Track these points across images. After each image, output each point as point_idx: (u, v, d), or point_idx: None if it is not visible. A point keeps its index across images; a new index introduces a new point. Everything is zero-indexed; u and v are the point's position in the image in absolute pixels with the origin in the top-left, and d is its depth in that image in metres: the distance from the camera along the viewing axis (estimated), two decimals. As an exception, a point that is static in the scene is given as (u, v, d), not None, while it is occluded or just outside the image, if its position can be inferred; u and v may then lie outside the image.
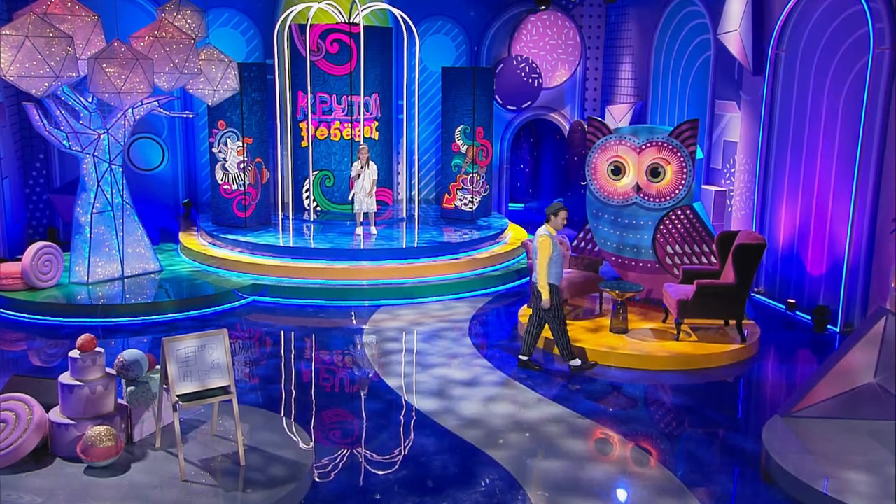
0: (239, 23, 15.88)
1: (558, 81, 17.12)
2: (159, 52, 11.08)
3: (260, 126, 13.92)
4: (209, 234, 13.37)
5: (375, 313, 10.95)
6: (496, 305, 11.55)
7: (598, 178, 10.95)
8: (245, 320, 10.67)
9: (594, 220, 11.14)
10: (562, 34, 16.95)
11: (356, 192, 12.99)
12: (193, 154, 16.04)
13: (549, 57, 17.00)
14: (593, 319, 10.27)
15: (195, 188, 16.13)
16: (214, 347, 6.53)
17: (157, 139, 15.53)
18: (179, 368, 6.41)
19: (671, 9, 14.24)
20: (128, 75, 10.36)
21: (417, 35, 15.17)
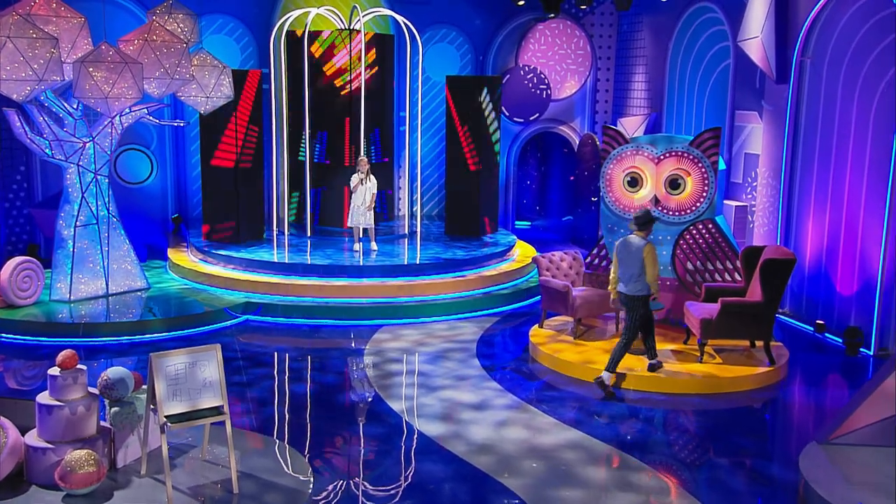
0: (233, 29, 15.82)
1: (568, 93, 17.08)
2: (149, 56, 10.92)
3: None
4: (199, 250, 13.21)
5: (376, 333, 10.83)
6: (505, 325, 11.42)
7: (613, 191, 10.76)
8: (238, 340, 10.52)
9: (609, 235, 10.92)
10: (571, 43, 16.92)
11: (354, 207, 12.88)
12: (184, 166, 15.91)
13: (558, 67, 16.97)
14: (610, 341, 10.10)
15: (185, 203, 15.99)
16: (207, 364, 6.32)
17: (146, 151, 15.42)
18: (168, 387, 6.19)
19: (687, 16, 14.17)
20: (115, 80, 10.22)
21: (421, 43, 15.09)
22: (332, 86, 14.64)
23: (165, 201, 15.78)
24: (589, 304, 10.19)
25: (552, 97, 16.92)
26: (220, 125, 13.43)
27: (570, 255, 10.94)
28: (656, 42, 15.38)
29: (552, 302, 10.36)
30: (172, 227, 15.64)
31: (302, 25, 14.60)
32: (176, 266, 13.09)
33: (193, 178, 15.81)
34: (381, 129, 15.16)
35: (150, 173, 15.51)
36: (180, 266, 12.98)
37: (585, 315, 10.23)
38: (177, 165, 15.85)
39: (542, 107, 16.91)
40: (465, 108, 14.51)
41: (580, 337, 10.13)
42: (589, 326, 10.61)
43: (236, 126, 13.52)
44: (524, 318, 11.68)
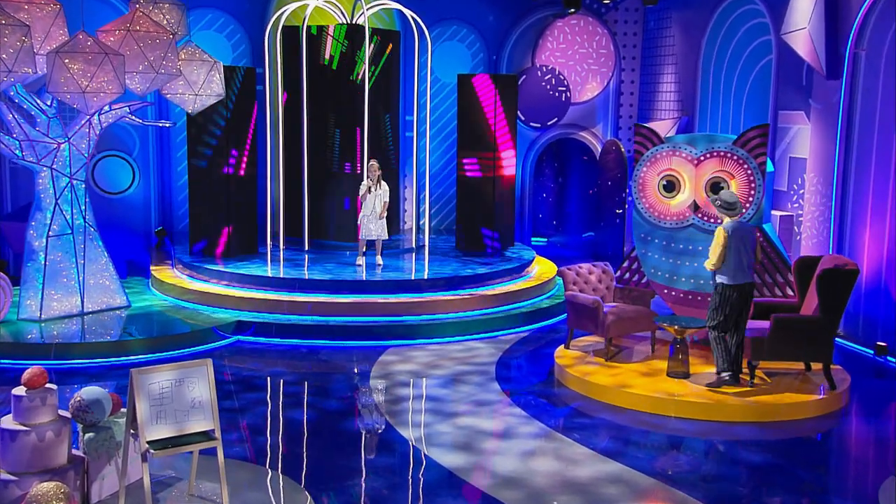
0: (224, 25, 15.66)
1: (589, 95, 16.94)
2: (132, 48, 10.58)
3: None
4: (186, 265, 12.95)
5: (383, 355, 10.55)
6: (526, 347, 11.12)
7: (646, 196, 10.44)
8: (228, 363, 10.23)
9: (642, 246, 10.60)
10: (593, 42, 16.77)
11: (363, 217, 12.63)
12: (169, 174, 15.68)
13: (579, 67, 16.83)
14: (646, 361, 9.76)
15: (170, 215, 15.76)
16: (196, 382, 5.92)
17: (127, 158, 15.20)
18: (152, 407, 5.78)
19: (723, 9, 13.95)
20: (94, 73, 9.84)
21: (430, 39, 14.84)
22: (335, 85, 14.45)
23: (148, 213, 15.56)
24: (622, 321, 9.84)
25: (572, 100, 16.78)
26: (210, 127, 13.20)
27: (600, 268, 10.62)
28: (687, 39, 15.15)
29: (580, 319, 10.03)
30: (156, 241, 15.40)
31: (299, 20, 14.39)
32: (159, 282, 12.82)
33: (180, 188, 15.56)
34: (386, 133, 14.98)
35: (132, 182, 15.29)
36: (164, 282, 12.70)
37: (618, 334, 9.90)
38: (161, 173, 15.62)
39: (560, 110, 16.77)
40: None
41: (612, 359, 9.77)
42: (619, 347, 10.25)
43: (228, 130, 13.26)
44: (547, 339, 11.40)
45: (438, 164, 16.72)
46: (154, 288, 12.95)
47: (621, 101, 17.08)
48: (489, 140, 14.14)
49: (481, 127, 14.13)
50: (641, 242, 10.60)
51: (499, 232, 14.28)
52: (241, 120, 13.42)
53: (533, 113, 16.66)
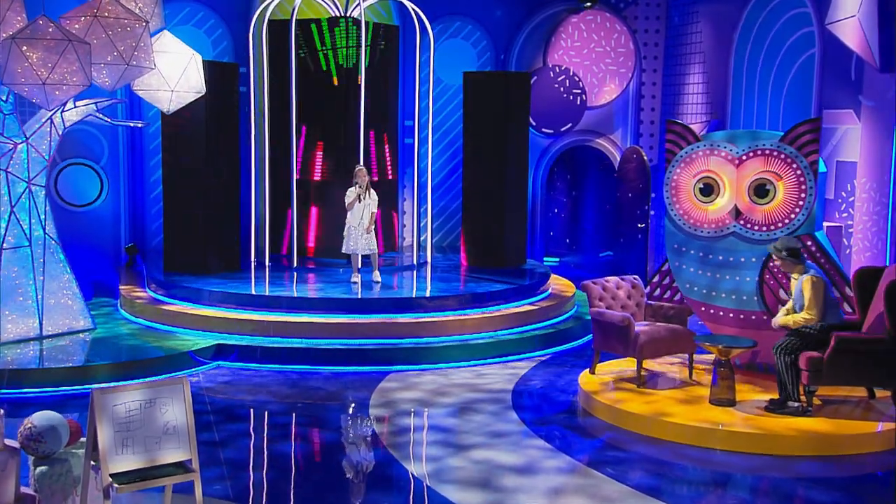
0: (204, 20, 15.33)
1: (606, 99, 16.77)
2: (99, 37, 10.18)
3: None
4: (160, 283, 12.71)
5: (383, 381, 10.25)
6: (544, 372, 10.79)
7: (680, 201, 10.18)
8: (207, 391, 9.90)
9: (675, 258, 10.31)
10: (611, 39, 16.62)
11: (350, 228, 12.39)
12: (142, 185, 15.31)
13: (595, 68, 16.67)
14: (684, 388, 9.38)
15: (143, 230, 15.38)
16: (170, 403, 5.50)
17: (94, 166, 14.79)
18: (117, 434, 5.35)
19: (756, 1, 13.74)
20: (56, 62, 9.46)
21: (432, 36, 14.62)
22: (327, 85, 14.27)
23: (118, 228, 15.13)
24: (655, 342, 9.46)
25: (588, 104, 16.61)
26: (188, 131, 12.99)
27: (628, 283, 10.24)
28: (717, 34, 14.90)
29: (607, 339, 9.67)
30: (126, 259, 15.02)
31: (287, 14, 14.11)
32: (130, 304, 12.52)
33: (154, 200, 15.23)
34: (382, 140, 14.75)
35: (100, 193, 14.88)
36: (136, 303, 12.41)
37: (651, 356, 9.54)
38: (133, 184, 15.25)
39: (575, 115, 16.60)
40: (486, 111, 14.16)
41: (644, 384, 9.39)
42: (651, 372, 9.89)
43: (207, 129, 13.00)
44: (568, 364, 11.11)
45: (441, 173, 16.45)
46: (124, 309, 12.65)
47: (642, 105, 16.89)
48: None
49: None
50: (675, 254, 10.32)
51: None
52: (224, 123, 13.21)
53: (545, 118, 16.44)
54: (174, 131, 13.05)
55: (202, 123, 12.93)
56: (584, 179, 17.79)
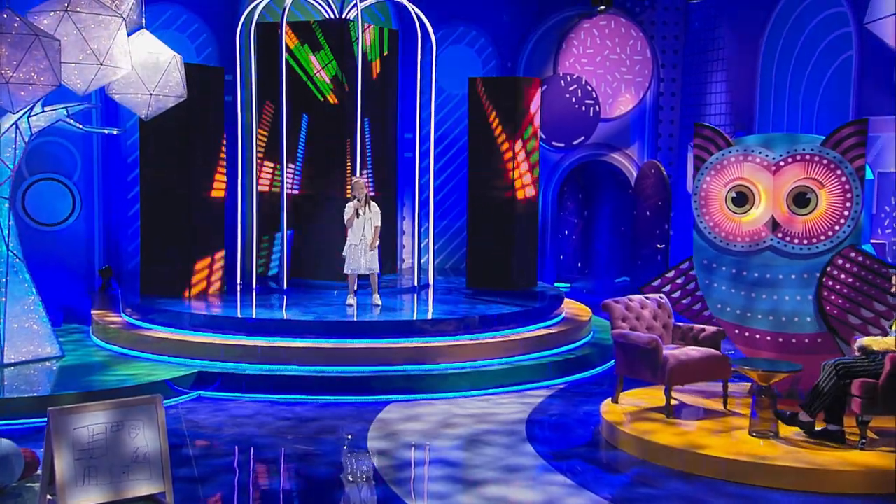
0: (186, 24, 15.17)
1: (622, 110, 16.75)
2: (71, 34, 9.92)
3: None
4: (136, 307, 12.50)
5: (382, 412, 10.00)
6: (561, 401, 10.55)
7: (711, 213, 9.97)
8: (187, 424, 9.61)
9: (705, 275, 10.08)
10: (626, 46, 16.61)
11: (351, 246, 12.19)
12: (117, 202, 15.11)
13: (610, 77, 16.67)
14: (718, 419, 9.03)
15: (118, 251, 15.16)
16: (140, 427, 5.08)
17: (66, 182, 14.49)
18: (78, 462, 4.91)
19: (787, 1, 13.62)
20: (22, 59, 9.17)
21: (435, 41, 14.49)
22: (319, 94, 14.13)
23: (91, 249, 14.87)
24: (686, 366, 9.07)
25: (602, 115, 16.57)
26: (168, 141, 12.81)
27: (654, 302, 9.90)
28: (741, 39, 14.79)
29: (632, 364, 9.32)
30: (100, 283, 14.78)
31: (277, 16, 13.98)
32: (103, 329, 12.24)
33: (130, 218, 14.99)
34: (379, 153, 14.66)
35: (72, 212, 14.59)
36: (109, 329, 12.14)
37: (681, 382, 9.16)
38: (108, 201, 15.02)
39: (588, 128, 16.57)
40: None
41: (675, 414, 9.05)
42: (681, 401, 9.56)
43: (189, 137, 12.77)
44: (586, 393, 10.88)
45: (443, 190, 16.31)
46: (96, 336, 12.37)
47: (660, 117, 16.80)
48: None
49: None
50: (704, 271, 10.10)
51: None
52: (208, 133, 13.07)
53: (555, 130, 16.37)
54: (153, 143, 12.87)
55: (184, 133, 12.77)
56: (597, 197, 17.63)
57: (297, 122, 14.05)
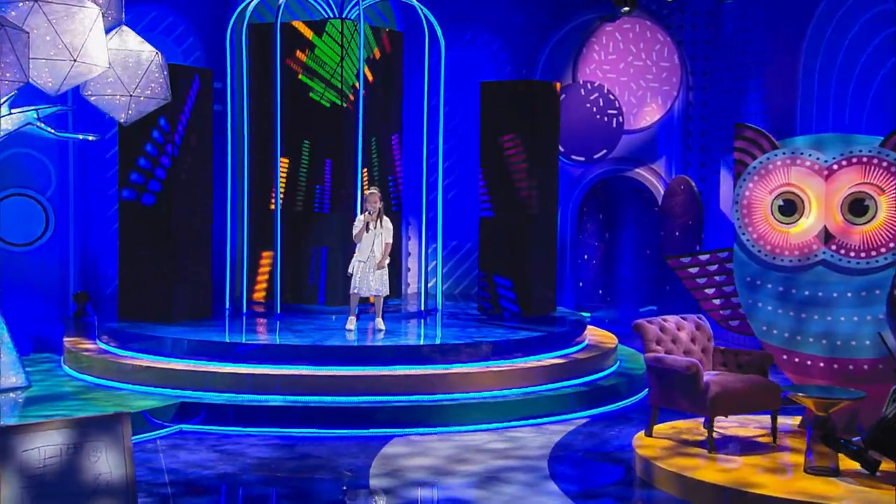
0: (172, 26, 15.15)
1: (647, 121, 16.70)
2: (42, 27, 9.78)
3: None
4: (113, 333, 12.35)
5: (386, 446, 9.84)
6: (587, 435, 10.38)
7: (754, 223, 9.78)
8: (166, 461, 9.44)
9: (748, 294, 9.85)
10: (652, 51, 16.59)
11: (357, 264, 12.08)
12: (95, 220, 15.01)
13: (634, 85, 16.65)
14: (768, 454, 8.78)
15: (95, 273, 15.07)
16: (102, 449, 4.73)
17: (39, 198, 14.45)
18: (26, 490, 4.54)
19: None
20: None
21: (443, 44, 14.37)
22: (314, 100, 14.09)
23: (66, 272, 14.80)
24: (730, 394, 8.76)
25: (625, 126, 16.51)
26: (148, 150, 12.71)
27: (692, 322, 9.63)
28: (780, 42, 14.59)
29: (668, 392, 9.05)
30: (75, 308, 14.71)
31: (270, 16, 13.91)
32: (75, 358, 12.08)
33: (109, 238, 14.77)
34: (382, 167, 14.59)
35: (45, 231, 14.55)
36: (82, 357, 12.00)
37: (725, 412, 8.87)
38: (85, 219, 14.95)
39: (610, 140, 16.50)
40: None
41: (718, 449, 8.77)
42: (723, 434, 9.28)
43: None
44: (615, 426, 10.71)
45: (452, 207, 16.08)
46: (68, 365, 12.22)
47: (690, 128, 16.71)
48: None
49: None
50: (747, 289, 9.89)
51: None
52: (194, 142, 12.94)
53: (575, 143, 16.22)
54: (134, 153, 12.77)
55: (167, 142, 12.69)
56: (619, 217, 17.51)
57: (291, 131, 13.97)
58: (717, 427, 9.02)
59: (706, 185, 16.06)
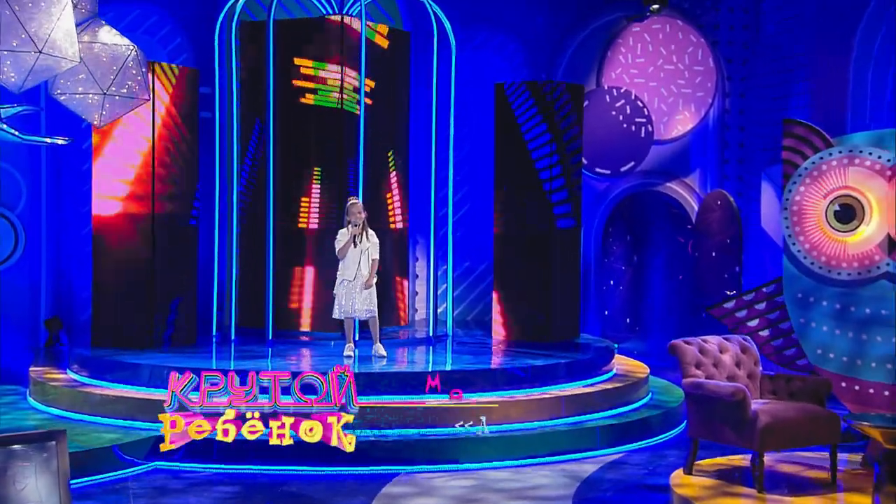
0: (157, 26, 15.08)
1: (680, 130, 16.57)
2: (3, 14, 9.72)
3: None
4: (84, 361, 12.15)
5: (388, 486, 9.63)
6: (616, 474, 10.12)
7: (806, 232, 9.80)
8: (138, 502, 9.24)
9: (800, 312, 9.83)
10: (684, 54, 16.47)
11: (343, 283, 11.98)
12: (69, 239, 14.91)
13: (665, 90, 16.53)
14: (827, 494, 8.52)
15: (70, 297, 14.94)
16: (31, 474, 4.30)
17: (8, 215, 14.31)
18: None
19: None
20: None
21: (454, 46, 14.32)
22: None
23: (37, 296, 14.67)
24: (782, 425, 8.52)
25: (655, 136, 16.37)
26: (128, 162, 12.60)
27: (736, 344, 9.40)
28: (828, 41, 14.43)
29: (710, 423, 8.83)
30: (46, 336, 14.58)
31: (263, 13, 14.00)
32: (41, 389, 11.92)
33: (85, 258, 14.51)
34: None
35: (14, 251, 14.38)
36: (49, 388, 11.82)
37: (776, 446, 8.70)
38: (58, 237, 14.86)
39: (639, 151, 16.35)
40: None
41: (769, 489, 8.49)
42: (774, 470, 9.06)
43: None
44: (648, 465, 10.42)
45: (464, 224, 16.02)
46: (33, 398, 12.05)
47: (726, 139, 16.57)
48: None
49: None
50: (798, 307, 9.90)
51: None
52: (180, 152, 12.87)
53: (599, 154, 16.08)
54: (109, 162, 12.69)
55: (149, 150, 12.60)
56: (649, 237, 17.44)
57: (285, 138, 14.01)
58: (766, 463, 8.79)
59: (745, 201, 15.95)
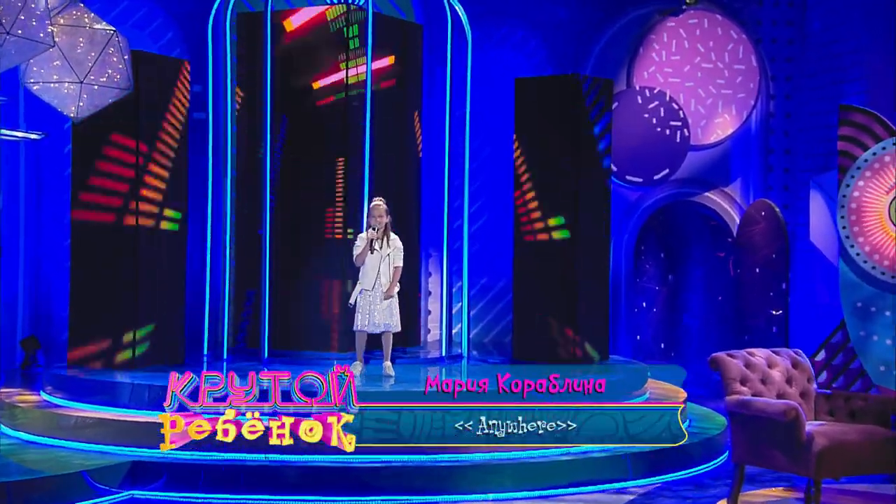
0: (147, 19, 15.04)
1: (719, 135, 16.41)
2: None
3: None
4: (59, 381, 12.12)
5: None
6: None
7: (865, 232, 9.81)
8: None
9: (859, 323, 9.72)
10: (724, 52, 16.33)
11: (362, 293, 11.79)
12: (49, 249, 14.88)
13: (702, 92, 16.38)
14: None
15: (49, 315, 14.93)
16: None
17: None
18: None
19: None
20: None
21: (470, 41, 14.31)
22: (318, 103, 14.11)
23: (13, 312, 14.70)
24: (842, 450, 8.30)
25: (692, 141, 16.24)
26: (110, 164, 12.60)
27: (787, 358, 9.18)
28: (883, 38, 14.38)
29: (757, 446, 8.64)
30: (22, 357, 14.58)
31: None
32: (10, 412, 11.83)
33: (65, 274, 14.27)
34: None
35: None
36: (18, 411, 11.77)
37: (834, 473, 8.58)
38: (37, 249, 14.86)
39: (674, 158, 16.23)
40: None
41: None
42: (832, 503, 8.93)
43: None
44: (689, 495, 10.16)
45: (481, 237, 15.91)
46: (2, 422, 11.86)
47: (771, 145, 16.41)
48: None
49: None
50: (857, 318, 9.77)
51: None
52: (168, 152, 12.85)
53: (630, 161, 15.98)
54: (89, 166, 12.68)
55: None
56: (685, 253, 17.31)
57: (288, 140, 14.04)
58: (823, 493, 8.56)
59: (792, 213, 15.84)
